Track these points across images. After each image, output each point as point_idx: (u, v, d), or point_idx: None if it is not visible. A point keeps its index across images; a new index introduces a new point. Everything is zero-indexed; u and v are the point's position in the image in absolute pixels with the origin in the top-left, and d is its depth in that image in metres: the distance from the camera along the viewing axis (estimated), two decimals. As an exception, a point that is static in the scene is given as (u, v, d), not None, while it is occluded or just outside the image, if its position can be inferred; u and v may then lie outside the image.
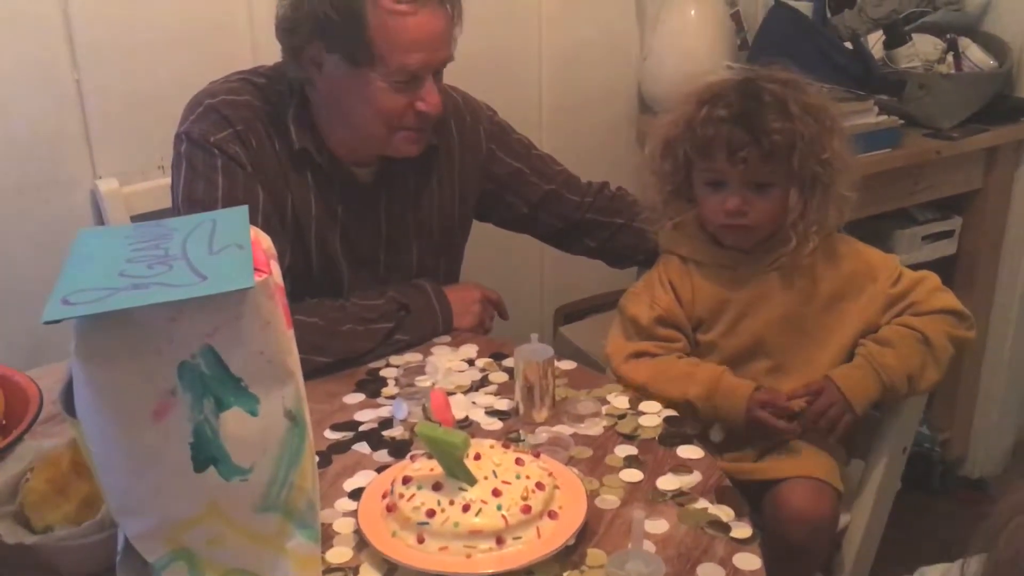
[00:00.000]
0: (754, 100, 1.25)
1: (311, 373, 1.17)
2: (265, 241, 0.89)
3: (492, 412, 1.21)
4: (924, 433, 2.23)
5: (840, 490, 1.30)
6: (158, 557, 0.82)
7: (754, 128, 1.23)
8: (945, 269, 1.43)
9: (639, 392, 1.26)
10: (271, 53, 1.37)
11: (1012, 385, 2.33)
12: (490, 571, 0.90)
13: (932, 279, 1.32)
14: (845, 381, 1.27)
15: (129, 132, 1.61)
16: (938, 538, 2.09)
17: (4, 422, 1.01)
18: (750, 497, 1.19)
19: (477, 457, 0.98)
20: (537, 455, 1.04)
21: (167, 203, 1.43)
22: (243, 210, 0.91)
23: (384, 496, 0.99)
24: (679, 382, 1.26)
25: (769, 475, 1.29)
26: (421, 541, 0.92)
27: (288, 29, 1.29)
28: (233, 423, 0.81)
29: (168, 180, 1.40)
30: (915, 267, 1.37)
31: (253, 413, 0.82)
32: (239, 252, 0.82)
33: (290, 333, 0.86)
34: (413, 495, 0.95)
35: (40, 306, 0.73)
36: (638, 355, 1.31)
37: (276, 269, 0.87)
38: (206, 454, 0.80)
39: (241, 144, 1.31)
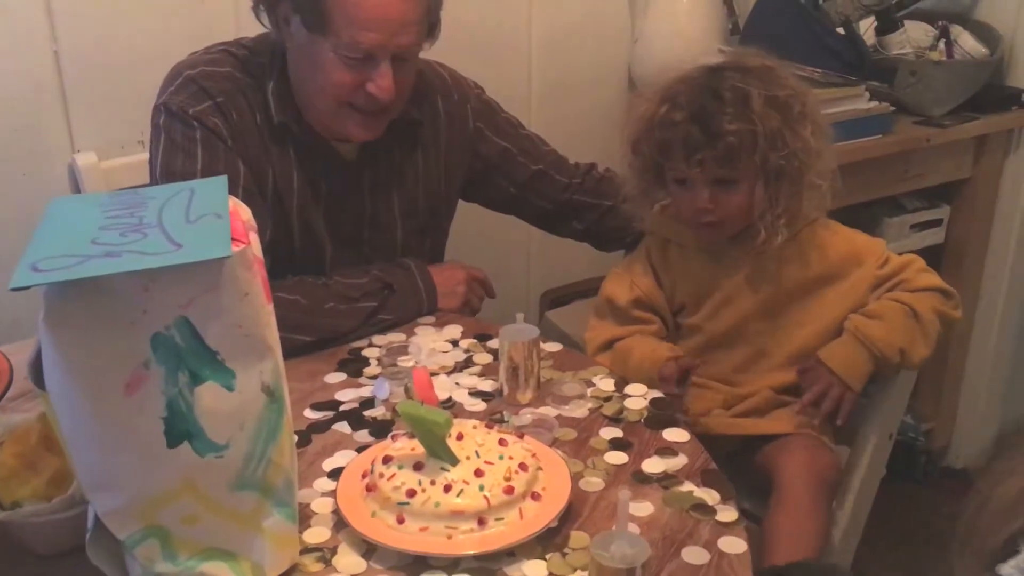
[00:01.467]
0: (712, 98, 1.22)
1: (292, 352, 1.15)
2: (245, 212, 0.86)
3: (476, 393, 1.19)
4: (908, 422, 2.23)
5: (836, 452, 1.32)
6: (130, 534, 0.80)
7: (708, 130, 1.21)
8: (933, 258, 1.43)
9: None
10: (254, 26, 1.34)
11: (997, 375, 2.33)
12: (471, 552, 0.88)
13: (918, 261, 1.32)
14: (835, 360, 1.27)
15: (108, 105, 1.58)
16: (920, 527, 2.10)
17: (-27, 396, 0.98)
18: (747, 452, 1.24)
19: (460, 437, 0.96)
20: (521, 436, 1.02)
21: (147, 178, 1.39)
22: (222, 180, 0.89)
23: (364, 476, 0.97)
24: (628, 360, 1.28)
25: (767, 430, 1.30)
26: (401, 521, 0.90)
27: None
28: (208, 398, 0.79)
29: (148, 155, 1.37)
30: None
31: (229, 388, 0.80)
32: (217, 221, 0.80)
33: (269, 307, 0.84)
34: (394, 475, 0.93)
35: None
36: (610, 344, 1.32)
37: (255, 241, 0.84)
38: (180, 429, 0.78)
39: (221, 116, 1.28)
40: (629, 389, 1.20)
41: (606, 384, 1.21)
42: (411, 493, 0.91)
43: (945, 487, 2.30)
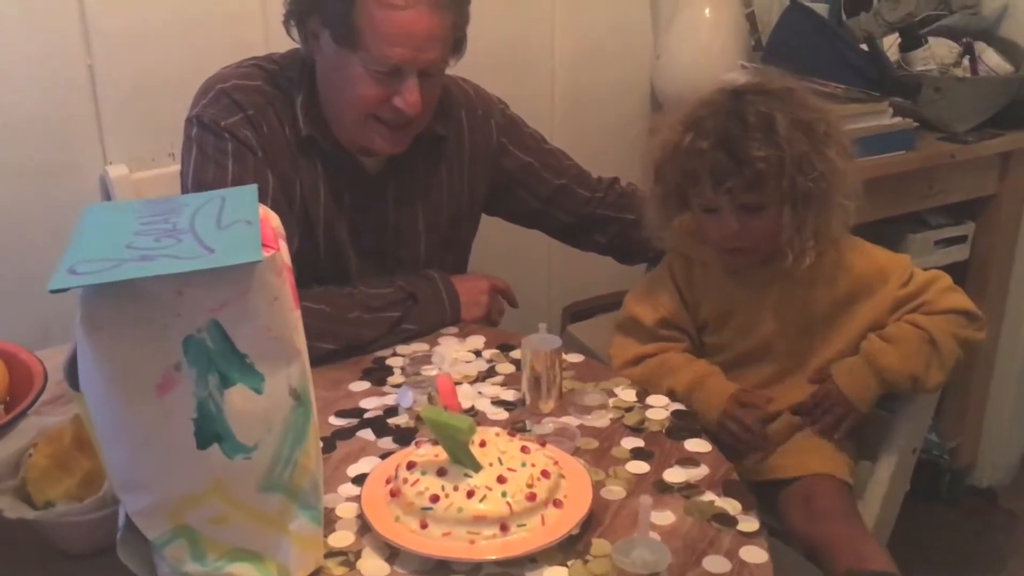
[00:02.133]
0: (738, 124, 1.21)
1: (317, 360, 1.14)
2: (274, 220, 0.88)
3: (498, 402, 1.20)
4: (933, 440, 2.21)
5: (852, 484, 1.29)
6: (159, 534, 0.81)
7: (736, 157, 1.20)
8: (957, 275, 1.42)
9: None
10: (284, 40, 1.37)
11: (1023, 393, 2.31)
12: (493, 557, 0.89)
13: (944, 279, 1.31)
14: (844, 380, 1.28)
15: (140, 118, 1.61)
16: (944, 546, 2.08)
17: (8, 399, 1.00)
18: (761, 495, 1.19)
19: (483, 444, 0.97)
20: (543, 444, 1.03)
21: (177, 190, 1.42)
22: (252, 188, 0.91)
23: (388, 481, 0.98)
24: (669, 375, 1.27)
25: (779, 475, 1.28)
26: (424, 526, 0.91)
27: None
28: (238, 400, 0.80)
29: (178, 167, 1.40)
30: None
31: (258, 391, 0.81)
32: (247, 228, 0.82)
33: (297, 312, 0.86)
34: (417, 480, 0.94)
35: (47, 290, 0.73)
36: (638, 360, 1.32)
37: (284, 248, 0.86)
38: (210, 431, 0.80)
39: (252, 129, 1.30)
40: (651, 400, 1.21)
41: (628, 395, 1.22)
42: (434, 498, 0.92)
43: (970, 506, 2.27)
